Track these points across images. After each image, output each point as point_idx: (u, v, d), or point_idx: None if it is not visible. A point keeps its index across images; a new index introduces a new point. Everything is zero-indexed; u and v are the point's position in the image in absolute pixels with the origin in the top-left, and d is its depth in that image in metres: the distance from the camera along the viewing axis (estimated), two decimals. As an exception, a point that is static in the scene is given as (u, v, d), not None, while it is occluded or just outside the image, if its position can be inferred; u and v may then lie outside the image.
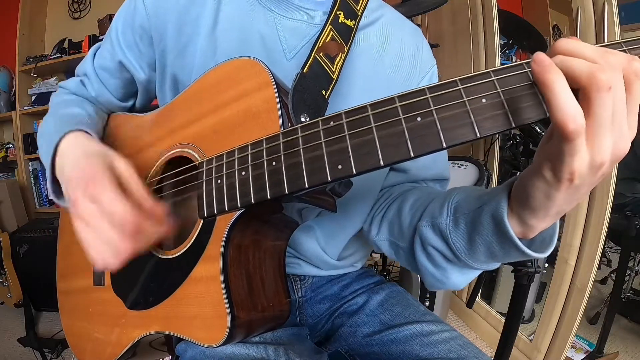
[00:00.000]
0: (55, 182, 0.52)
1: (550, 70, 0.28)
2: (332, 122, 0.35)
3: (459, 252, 0.46)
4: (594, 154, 0.28)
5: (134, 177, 0.45)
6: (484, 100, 0.30)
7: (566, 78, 0.28)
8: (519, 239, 0.38)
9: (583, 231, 1.23)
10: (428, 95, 0.31)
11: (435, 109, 0.31)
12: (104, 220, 0.40)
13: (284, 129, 0.39)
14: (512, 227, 0.38)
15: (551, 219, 0.36)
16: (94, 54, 0.64)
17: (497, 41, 1.54)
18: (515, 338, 0.97)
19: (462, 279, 0.49)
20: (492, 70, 0.30)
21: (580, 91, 0.28)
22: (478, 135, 0.30)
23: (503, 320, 1.00)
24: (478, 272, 0.49)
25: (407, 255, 0.54)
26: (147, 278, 0.51)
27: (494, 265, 0.46)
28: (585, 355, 1.52)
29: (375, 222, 0.60)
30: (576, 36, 1.16)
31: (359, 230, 0.64)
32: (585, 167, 0.29)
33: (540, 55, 0.28)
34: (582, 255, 1.24)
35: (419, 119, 0.31)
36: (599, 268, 1.24)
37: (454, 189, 0.50)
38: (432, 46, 0.65)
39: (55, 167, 0.51)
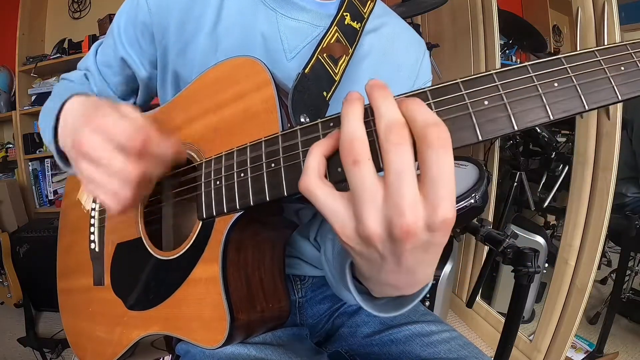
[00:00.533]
0: (62, 155, 0.49)
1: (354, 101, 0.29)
2: (332, 124, 0.35)
3: (337, 278, 0.49)
4: (357, 223, 0.27)
5: (136, 114, 0.42)
6: (486, 103, 0.30)
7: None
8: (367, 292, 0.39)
9: (583, 231, 1.23)
10: (431, 101, 0.31)
11: (436, 112, 0.31)
12: (109, 146, 0.38)
13: (283, 129, 0.39)
14: (354, 284, 0.39)
15: (382, 288, 0.35)
16: (96, 50, 0.64)
17: (497, 41, 1.54)
18: (515, 338, 0.97)
19: (350, 297, 0.47)
20: (495, 73, 0.30)
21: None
22: (480, 138, 0.30)
23: (503, 320, 1.00)
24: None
25: (325, 257, 0.57)
26: (146, 279, 0.51)
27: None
28: (585, 355, 1.52)
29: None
30: (576, 36, 1.16)
31: None
32: (350, 232, 0.28)
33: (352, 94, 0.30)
34: (582, 255, 1.24)
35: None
36: (599, 268, 1.24)
37: None
38: (432, 46, 0.65)
39: (58, 134, 0.48)
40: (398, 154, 0.26)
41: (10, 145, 2.64)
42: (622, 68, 0.30)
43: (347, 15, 0.53)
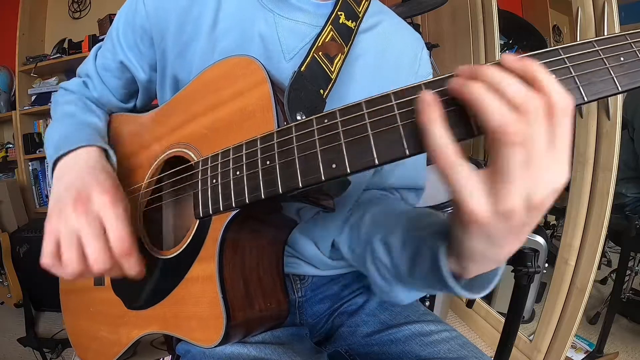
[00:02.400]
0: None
1: (428, 109, 0.29)
2: (326, 120, 0.35)
3: (402, 274, 0.46)
4: (497, 202, 0.28)
5: (121, 219, 0.45)
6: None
7: (477, 115, 0.28)
8: (457, 276, 0.38)
9: (583, 231, 1.23)
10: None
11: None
12: (96, 233, 0.42)
13: (278, 127, 0.39)
14: (450, 265, 0.38)
15: (485, 264, 0.36)
16: (96, 55, 0.64)
17: (497, 41, 1.54)
18: (515, 338, 0.97)
19: (407, 295, 0.50)
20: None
21: (486, 137, 0.28)
22: (475, 133, 0.30)
23: (503, 320, 1.00)
24: (423, 294, 0.49)
25: (360, 261, 0.56)
26: (145, 278, 0.51)
27: (435, 292, 0.47)
28: (585, 355, 1.52)
29: (341, 224, 0.61)
30: (576, 36, 1.16)
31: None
32: (486, 212, 0.28)
33: (462, 71, 0.29)
34: (582, 255, 1.24)
35: (414, 116, 0.31)
36: (599, 268, 1.24)
37: (414, 209, 0.51)
38: (432, 46, 0.65)
39: (56, 168, 0.52)
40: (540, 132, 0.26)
41: (10, 145, 2.64)
42: (622, 58, 0.30)
43: (341, 15, 0.53)
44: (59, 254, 0.43)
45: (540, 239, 1.56)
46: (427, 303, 1.50)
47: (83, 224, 0.42)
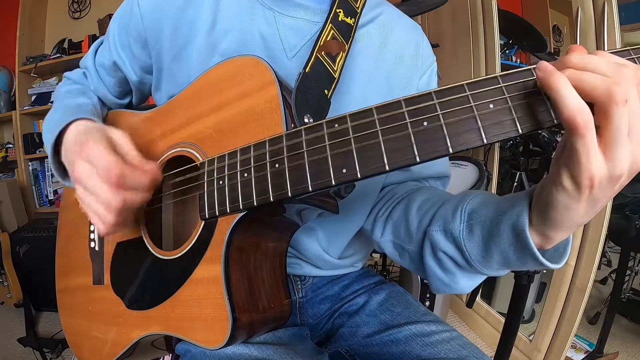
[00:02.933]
0: (61, 168, 0.55)
1: (553, 74, 0.29)
2: (336, 125, 0.35)
3: (472, 259, 0.45)
4: (613, 166, 0.29)
5: (124, 140, 0.49)
6: (491, 106, 0.30)
7: (580, 92, 0.28)
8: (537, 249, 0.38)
9: (583, 231, 1.23)
10: (435, 101, 0.31)
11: (442, 113, 0.31)
12: (94, 176, 0.44)
13: (287, 130, 0.39)
14: (532, 238, 0.38)
15: (569, 230, 0.36)
16: (95, 50, 0.65)
17: (497, 41, 1.54)
18: (515, 338, 0.97)
19: (470, 283, 0.49)
20: (500, 76, 0.30)
21: (595, 106, 0.29)
22: (485, 141, 0.30)
23: (503, 320, 1.00)
24: (485, 277, 0.49)
25: (412, 258, 0.54)
26: (146, 278, 0.51)
27: (504, 272, 0.46)
28: (585, 355, 1.52)
29: (379, 223, 0.59)
30: (576, 36, 1.16)
31: (359, 229, 0.64)
32: (604, 176, 0.29)
33: (543, 64, 0.29)
34: (582, 255, 1.24)
35: (425, 123, 0.31)
36: (599, 268, 1.24)
37: (467, 194, 0.49)
38: (432, 46, 0.65)
39: (60, 153, 0.54)
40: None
41: (10, 145, 2.64)
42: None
43: (340, 12, 0.53)
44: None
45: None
46: (427, 303, 1.50)
47: (84, 184, 0.45)
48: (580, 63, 0.29)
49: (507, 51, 1.72)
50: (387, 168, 0.32)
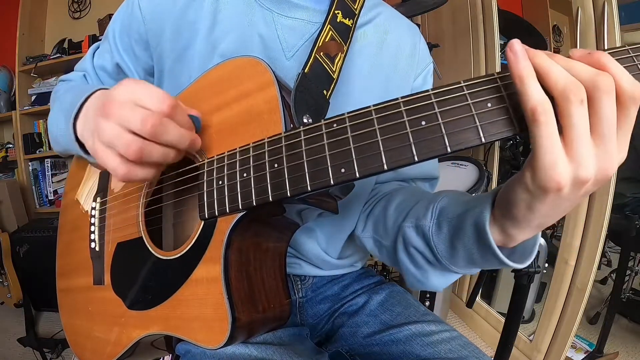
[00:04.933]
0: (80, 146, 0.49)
1: (524, 58, 0.29)
2: (335, 125, 0.35)
3: (439, 256, 0.46)
4: (576, 167, 0.28)
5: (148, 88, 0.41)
6: (489, 105, 0.30)
7: (543, 84, 0.28)
8: (500, 247, 0.38)
9: (583, 231, 1.23)
10: (433, 100, 0.31)
11: (440, 112, 0.31)
12: (118, 127, 0.38)
13: (286, 130, 0.39)
14: (493, 236, 0.38)
15: (532, 230, 0.36)
16: (93, 53, 0.65)
17: (497, 41, 1.54)
18: (515, 338, 0.97)
19: (441, 280, 0.50)
20: (498, 75, 0.30)
21: (555, 101, 0.28)
22: (483, 140, 0.30)
23: (503, 320, 1.00)
24: (458, 276, 0.49)
25: (389, 253, 0.55)
26: (147, 278, 0.51)
27: (474, 271, 0.47)
28: (585, 355, 1.52)
29: (362, 219, 0.61)
30: (576, 36, 1.16)
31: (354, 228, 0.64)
32: (567, 176, 0.28)
33: (515, 45, 0.29)
34: (582, 255, 1.24)
35: (423, 122, 0.31)
36: (599, 268, 1.24)
37: (441, 192, 0.50)
38: (432, 46, 0.65)
39: (77, 129, 0.48)
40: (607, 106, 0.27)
41: (10, 145, 2.64)
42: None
43: (338, 13, 0.54)
44: (125, 159, 0.39)
45: (540, 239, 1.56)
46: (427, 303, 1.50)
47: (117, 118, 0.38)
48: (560, 59, 0.29)
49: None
50: (385, 167, 0.32)
